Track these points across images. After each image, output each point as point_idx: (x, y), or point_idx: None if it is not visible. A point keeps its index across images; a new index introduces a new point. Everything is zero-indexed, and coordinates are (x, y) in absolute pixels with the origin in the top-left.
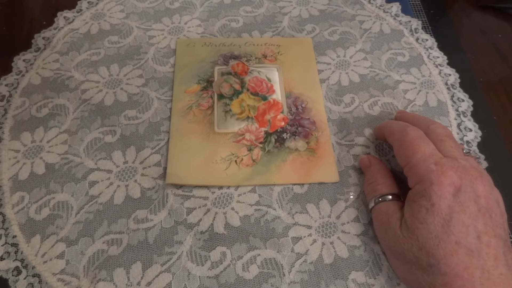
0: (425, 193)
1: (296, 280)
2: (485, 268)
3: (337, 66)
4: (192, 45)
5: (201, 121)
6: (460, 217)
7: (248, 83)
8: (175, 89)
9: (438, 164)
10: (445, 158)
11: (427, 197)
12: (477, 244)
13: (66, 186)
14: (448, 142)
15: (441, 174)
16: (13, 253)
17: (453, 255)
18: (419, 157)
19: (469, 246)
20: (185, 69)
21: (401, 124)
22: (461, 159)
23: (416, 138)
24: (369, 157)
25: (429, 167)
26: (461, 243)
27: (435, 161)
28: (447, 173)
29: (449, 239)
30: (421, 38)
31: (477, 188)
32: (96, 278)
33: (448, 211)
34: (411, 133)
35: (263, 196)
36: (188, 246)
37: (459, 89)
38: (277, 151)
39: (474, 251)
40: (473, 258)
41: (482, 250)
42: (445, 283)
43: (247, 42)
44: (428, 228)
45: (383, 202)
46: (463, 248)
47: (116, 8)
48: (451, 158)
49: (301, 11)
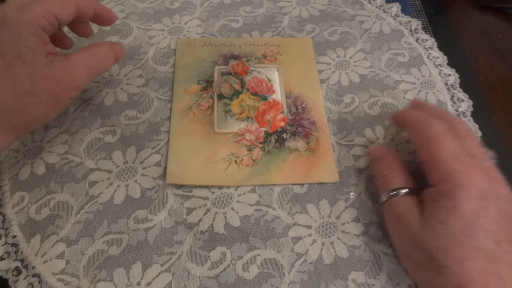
0: (448, 194)
1: (296, 280)
2: (500, 274)
3: (337, 66)
4: (192, 45)
5: (201, 121)
6: (482, 221)
7: (248, 83)
8: (175, 89)
9: (464, 164)
10: (470, 157)
11: (451, 198)
12: (495, 249)
13: (66, 186)
14: (470, 141)
15: (467, 175)
16: (13, 253)
17: (469, 259)
18: (444, 154)
19: (488, 251)
20: (185, 69)
21: (424, 116)
22: (484, 160)
23: (441, 133)
24: (381, 148)
25: (454, 167)
26: (479, 248)
27: (460, 160)
28: (473, 175)
29: (468, 242)
30: (421, 38)
31: (500, 192)
32: (96, 278)
33: (470, 214)
34: (436, 127)
35: (263, 196)
36: (188, 246)
37: (459, 89)
38: (277, 151)
39: (492, 257)
40: (490, 263)
41: (499, 255)
42: (458, 286)
43: (247, 42)
44: (448, 230)
45: (398, 197)
46: (481, 253)
47: (116, 8)
48: (475, 157)
49: (301, 11)
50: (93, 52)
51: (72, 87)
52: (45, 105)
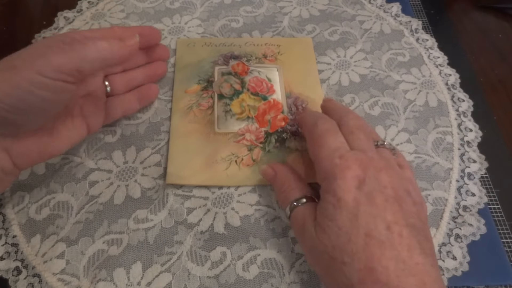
0: (330, 188)
1: (296, 280)
2: (399, 259)
3: (338, 66)
4: (193, 45)
5: (201, 121)
6: (366, 209)
7: (248, 83)
8: (175, 89)
9: (343, 157)
10: (351, 151)
11: (333, 193)
12: (388, 234)
13: (66, 186)
14: (357, 134)
15: (345, 167)
16: (13, 253)
17: (364, 249)
18: (325, 151)
19: (380, 238)
20: (186, 69)
21: (314, 116)
22: (369, 151)
23: (325, 131)
24: (271, 166)
25: (333, 161)
26: (371, 235)
27: (340, 154)
28: (350, 167)
29: (358, 232)
30: (421, 38)
31: (382, 179)
32: (96, 278)
33: (354, 204)
34: (321, 126)
35: (263, 196)
36: (188, 246)
37: (459, 89)
38: (277, 151)
39: (386, 242)
40: (385, 249)
41: (394, 240)
42: (360, 279)
43: (247, 42)
44: (337, 224)
45: (298, 207)
46: (373, 240)
47: (116, 8)
48: (357, 150)
49: (302, 11)
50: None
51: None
52: (30, 83)
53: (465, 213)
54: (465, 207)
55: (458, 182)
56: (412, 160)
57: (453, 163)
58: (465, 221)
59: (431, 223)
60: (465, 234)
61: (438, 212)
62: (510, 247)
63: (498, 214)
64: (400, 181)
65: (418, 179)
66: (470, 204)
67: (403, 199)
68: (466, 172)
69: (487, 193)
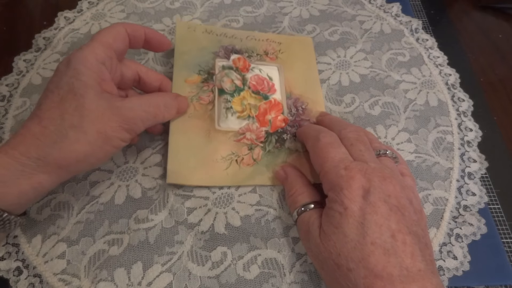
0: (337, 198)
1: (296, 280)
2: (403, 266)
3: (338, 66)
4: (193, 29)
5: (202, 116)
6: (372, 218)
7: (250, 80)
8: (174, 76)
9: (348, 168)
10: (355, 162)
11: (340, 202)
12: (392, 242)
13: (67, 186)
14: (358, 146)
15: (350, 178)
16: (14, 253)
17: (370, 256)
18: (330, 163)
19: (385, 246)
20: (185, 56)
21: (316, 129)
22: (371, 162)
23: (328, 144)
24: (284, 168)
25: (339, 173)
26: (376, 243)
27: (345, 166)
28: (355, 177)
29: (364, 240)
30: (421, 38)
31: (386, 188)
32: (97, 278)
33: (360, 213)
34: (323, 139)
35: (263, 196)
36: (188, 246)
37: (459, 89)
38: (277, 151)
39: (390, 250)
40: (390, 256)
41: (398, 248)
42: (366, 286)
43: (249, 36)
44: (343, 232)
45: (305, 212)
46: (379, 248)
47: (116, 8)
48: (360, 161)
49: (302, 11)
50: (153, 98)
51: (124, 128)
52: (90, 142)
53: (465, 212)
54: (465, 207)
55: (458, 181)
56: (413, 160)
57: (453, 162)
58: (465, 220)
59: (431, 223)
60: (466, 233)
61: (439, 212)
62: (510, 247)
63: (498, 214)
64: (402, 190)
65: (418, 178)
66: (471, 203)
67: (405, 208)
68: (467, 171)
69: (487, 193)
